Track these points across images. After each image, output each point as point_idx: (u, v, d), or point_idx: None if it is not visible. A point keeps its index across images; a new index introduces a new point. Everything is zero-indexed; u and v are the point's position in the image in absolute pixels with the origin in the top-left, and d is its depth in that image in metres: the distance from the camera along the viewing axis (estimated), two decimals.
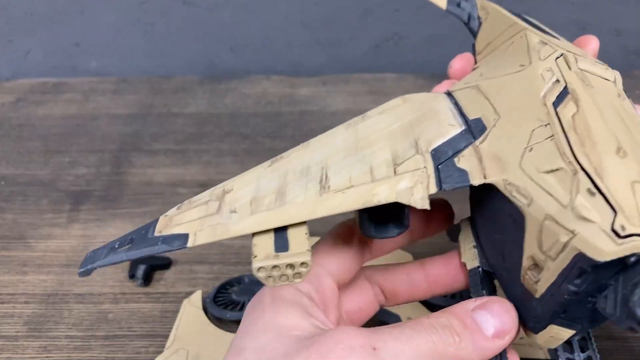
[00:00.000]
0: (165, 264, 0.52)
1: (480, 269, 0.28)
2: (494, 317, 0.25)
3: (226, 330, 0.45)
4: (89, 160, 0.66)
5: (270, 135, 0.69)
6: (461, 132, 0.27)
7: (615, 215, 0.21)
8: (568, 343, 0.28)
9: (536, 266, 0.24)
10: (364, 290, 0.31)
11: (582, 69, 0.27)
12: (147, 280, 0.50)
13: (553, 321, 0.25)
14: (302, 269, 0.24)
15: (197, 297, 0.48)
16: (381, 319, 0.42)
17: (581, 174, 0.22)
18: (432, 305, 0.44)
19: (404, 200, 0.25)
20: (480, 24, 0.38)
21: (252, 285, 0.49)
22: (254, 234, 0.26)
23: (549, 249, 0.23)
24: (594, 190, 0.22)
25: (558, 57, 0.28)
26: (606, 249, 0.20)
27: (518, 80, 0.28)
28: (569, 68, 0.27)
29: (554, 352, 0.29)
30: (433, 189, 0.25)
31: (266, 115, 0.74)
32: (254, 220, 0.26)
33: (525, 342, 0.42)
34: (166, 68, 0.84)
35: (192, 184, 0.62)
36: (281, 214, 0.25)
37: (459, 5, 0.40)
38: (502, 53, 0.34)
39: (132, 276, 0.51)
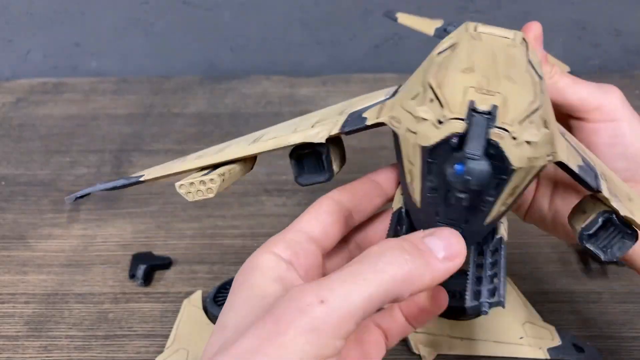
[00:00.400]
0: (165, 264, 0.52)
1: (402, 209, 0.31)
2: (442, 240, 0.27)
3: None
4: (89, 160, 0.66)
5: None
6: (383, 100, 0.31)
7: (442, 110, 0.25)
8: (479, 266, 0.29)
9: (413, 179, 0.28)
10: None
11: (479, 32, 0.31)
12: (147, 280, 0.50)
13: (435, 226, 0.28)
14: (212, 185, 0.31)
15: (197, 297, 0.48)
16: None
17: (429, 90, 0.26)
18: None
19: (308, 140, 0.30)
20: None
21: None
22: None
23: (411, 157, 0.27)
24: (434, 98, 0.26)
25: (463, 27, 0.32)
26: (430, 134, 0.25)
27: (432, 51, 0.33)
28: (466, 31, 0.31)
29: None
30: (335, 131, 0.30)
31: (266, 115, 0.74)
32: (194, 163, 0.34)
33: (525, 342, 0.42)
34: (166, 68, 0.84)
35: None
36: (215, 157, 0.33)
37: (445, 30, 0.45)
38: None
39: (132, 276, 0.51)
